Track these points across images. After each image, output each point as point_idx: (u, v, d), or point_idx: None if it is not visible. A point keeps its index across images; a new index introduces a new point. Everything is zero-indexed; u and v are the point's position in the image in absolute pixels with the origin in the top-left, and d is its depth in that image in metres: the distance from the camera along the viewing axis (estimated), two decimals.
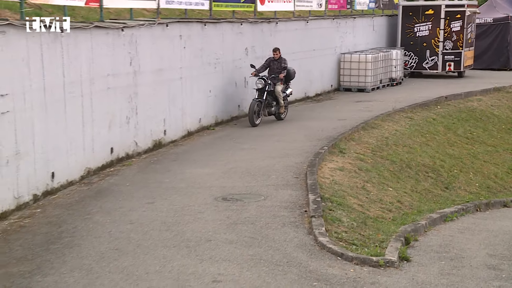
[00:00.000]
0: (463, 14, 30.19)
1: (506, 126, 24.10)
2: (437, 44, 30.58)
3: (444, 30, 30.43)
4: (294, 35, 23.82)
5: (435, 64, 30.75)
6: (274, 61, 19.69)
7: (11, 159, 10.65)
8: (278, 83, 19.54)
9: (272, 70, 19.60)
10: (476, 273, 9.15)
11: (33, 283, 8.14)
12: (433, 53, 30.71)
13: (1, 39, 10.33)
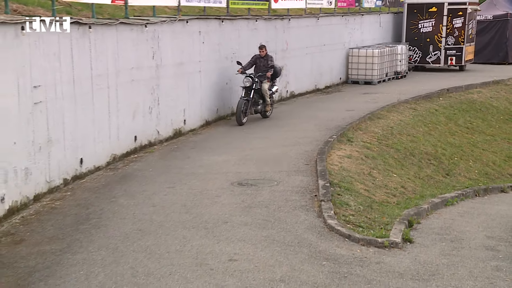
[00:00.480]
0: (465, 12, 30.11)
1: (504, 116, 24.02)
2: (440, 39, 30.46)
3: (447, 27, 30.32)
4: (305, 31, 23.76)
5: (437, 59, 30.66)
6: (260, 58, 18.44)
7: (43, 146, 10.72)
8: (265, 81, 18.28)
9: (259, 68, 18.38)
10: (475, 254, 9.16)
11: (64, 260, 8.23)
12: (436, 48, 30.59)
13: (34, 35, 10.37)
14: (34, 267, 8.03)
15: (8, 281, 7.63)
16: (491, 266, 8.61)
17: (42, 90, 10.62)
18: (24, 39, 10.09)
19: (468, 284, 7.87)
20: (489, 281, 8.03)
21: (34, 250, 8.57)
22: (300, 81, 23.34)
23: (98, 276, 7.75)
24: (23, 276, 7.78)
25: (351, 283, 7.71)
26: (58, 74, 11.11)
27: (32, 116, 10.33)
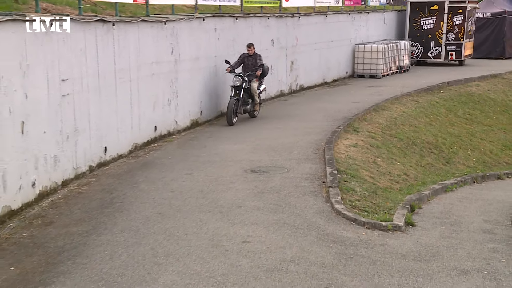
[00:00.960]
0: (464, 9, 30.07)
1: (500, 108, 23.95)
2: (441, 36, 30.40)
3: (447, 24, 30.28)
4: (314, 28, 23.72)
5: (438, 54, 30.62)
6: (248, 57, 17.03)
7: (70, 135, 10.78)
8: (254, 80, 16.95)
9: (247, 67, 17.01)
10: (473, 236, 9.16)
11: (90, 241, 8.29)
12: (437, 44, 30.55)
13: (63, 32, 10.43)
14: (62, 247, 8.10)
15: (39, 260, 7.71)
16: (488, 248, 8.62)
17: (69, 83, 10.66)
18: (53, 36, 10.13)
19: (467, 265, 7.88)
20: (486, 262, 8.04)
21: (63, 232, 8.65)
22: (309, 75, 23.34)
23: (121, 256, 7.80)
24: (53, 255, 7.85)
25: (357, 264, 7.73)
26: (84, 68, 11.16)
27: (60, 108, 10.39)
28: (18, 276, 7.27)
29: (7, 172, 8.91)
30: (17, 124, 9.17)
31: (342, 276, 7.34)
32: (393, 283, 7.21)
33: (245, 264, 7.61)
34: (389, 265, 7.75)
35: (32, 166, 9.63)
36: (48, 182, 10.17)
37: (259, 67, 16.93)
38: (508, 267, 7.88)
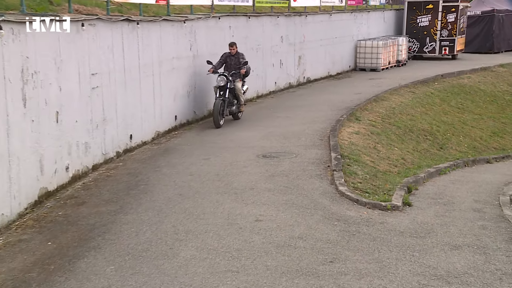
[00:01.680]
0: (457, 8, 30.03)
1: (490, 98, 23.87)
2: (435, 32, 30.30)
3: (441, 21, 30.20)
4: (320, 26, 23.65)
5: (433, 49, 30.55)
6: (231, 56, 15.21)
7: (99, 124, 10.83)
8: (238, 80, 15.24)
9: (230, 66, 15.21)
10: (464, 215, 9.15)
11: (117, 220, 8.36)
12: (432, 39, 30.45)
13: (92, 30, 10.44)
14: (93, 225, 8.17)
15: (73, 236, 7.78)
16: (478, 225, 8.62)
17: (98, 77, 10.71)
18: (84, 34, 10.16)
19: (458, 241, 7.89)
20: (476, 238, 8.05)
21: (93, 211, 8.72)
22: (315, 69, 23.28)
23: (146, 233, 7.86)
24: (85, 232, 7.92)
25: (359, 240, 7.76)
26: (112, 63, 11.19)
27: (90, 99, 10.44)
28: (55, 250, 7.35)
29: (44, 157, 8.98)
30: (52, 114, 9.23)
31: (346, 251, 7.36)
32: (392, 257, 7.23)
33: (258, 240, 7.64)
34: (388, 241, 7.77)
35: (66, 152, 9.70)
36: (80, 166, 10.24)
37: (243, 65, 15.19)
38: (496, 242, 7.89)
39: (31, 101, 8.54)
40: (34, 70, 8.64)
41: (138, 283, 6.42)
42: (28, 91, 8.48)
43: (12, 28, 8.07)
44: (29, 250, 7.32)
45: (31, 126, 8.58)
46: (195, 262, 6.96)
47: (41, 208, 8.78)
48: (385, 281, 6.54)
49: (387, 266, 6.97)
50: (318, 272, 6.74)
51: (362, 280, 6.57)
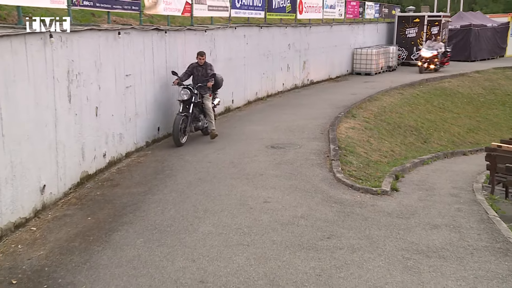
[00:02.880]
0: (440, 22, 30.05)
1: (466, 100, 23.84)
2: (421, 42, 30.13)
3: (426, 33, 30.15)
4: (322, 36, 23.58)
5: (419, 57, 30.41)
6: (198, 67, 12.38)
7: (132, 118, 10.87)
8: (207, 94, 12.34)
9: (197, 78, 12.38)
10: (443, 199, 9.14)
11: (146, 199, 8.42)
12: (418, 49, 30.28)
13: (127, 38, 10.47)
14: (126, 203, 8.24)
15: (109, 212, 7.85)
16: (455, 208, 8.61)
17: (131, 77, 10.74)
18: (120, 41, 10.19)
19: (437, 221, 7.89)
20: (453, 218, 8.04)
21: (126, 192, 8.79)
22: (318, 72, 23.22)
23: (170, 211, 7.92)
24: (119, 209, 7.99)
25: (353, 220, 7.77)
26: (143, 66, 11.22)
27: (124, 96, 10.48)
28: (93, 224, 7.42)
29: (85, 145, 9.04)
30: (93, 109, 9.28)
31: (341, 229, 7.38)
32: (380, 235, 7.24)
33: (265, 219, 7.67)
34: (378, 221, 7.78)
35: (103, 141, 9.76)
36: (115, 153, 10.30)
37: (210, 77, 12.29)
38: (469, 223, 7.88)
39: (75, 97, 8.60)
40: (78, 72, 8.68)
41: (163, 254, 6.48)
42: (73, 89, 8.53)
43: (61, 36, 8.11)
44: (72, 224, 7.40)
45: (74, 119, 8.63)
46: (212, 236, 7.00)
47: (82, 188, 8.86)
48: (374, 255, 6.57)
49: (376, 242, 6.98)
50: (317, 246, 6.77)
51: (355, 254, 6.59)
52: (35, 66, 7.41)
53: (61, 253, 6.47)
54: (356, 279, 5.90)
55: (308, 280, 5.85)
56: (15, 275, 5.90)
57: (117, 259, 6.32)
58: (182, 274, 5.94)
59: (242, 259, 6.32)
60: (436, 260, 6.50)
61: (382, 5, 33.38)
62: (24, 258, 6.31)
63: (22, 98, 7.08)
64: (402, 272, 6.11)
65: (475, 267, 6.34)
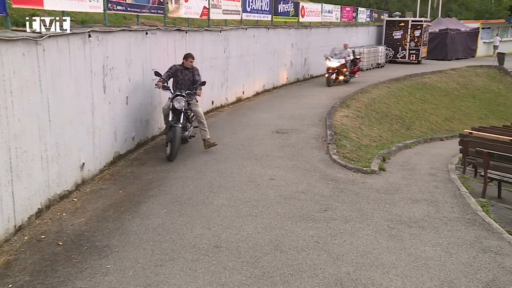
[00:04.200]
0: (422, 26, 30.08)
1: (444, 93, 23.76)
2: (406, 43, 30.12)
3: (410, 35, 30.10)
4: (321, 36, 23.45)
5: (404, 56, 30.34)
6: (184, 70, 9.81)
7: (157, 106, 10.80)
8: (193, 100, 9.83)
9: (180, 82, 9.77)
10: (423, 178, 9.16)
11: (169, 176, 8.46)
12: (403, 49, 30.27)
13: (153, 37, 10.45)
14: (151, 179, 8.29)
15: (137, 187, 7.90)
16: (432, 185, 8.63)
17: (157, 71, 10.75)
18: (147, 40, 10.18)
19: (418, 196, 7.91)
20: (431, 194, 8.07)
21: (151, 169, 8.83)
22: (317, 68, 23.06)
23: (189, 186, 7.96)
24: (145, 184, 8.05)
25: (346, 195, 7.80)
26: (166, 61, 11.18)
27: (150, 88, 10.47)
28: (124, 196, 7.49)
29: (117, 129, 9.08)
30: (124, 98, 9.30)
31: (336, 203, 7.42)
32: (369, 207, 7.28)
33: (271, 193, 7.72)
34: (367, 196, 7.81)
35: (132, 126, 9.79)
36: (142, 136, 10.34)
37: (200, 85, 9.78)
38: (444, 197, 7.92)
39: (109, 89, 8.62)
40: (112, 66, 8.70)
41: (183, 222, 6.53)
42: (107, 81, 8.55)
43: (98, 36, 8.13)
44: (107, 196, 7.47)
45: (108, 107, 8.66)
46: (225, 208, 7.05)
47: (115, 166, 8.92)
48: (364, 225, 6.60)
49: (366, 214, 7.02)
50: (315, 217, 6.81)
51: (347, 224, 6.63)
52: (76, 62, 7.44)
53: (98, 220, 6.55)
54: (348, 245, 5.94)
55: (307, 246, 5.90)
56: (61, 238, 5.99)
57: (144, 226, 6.38)
58: (200, 240, 5.99)
59: (251, 228, 6.37)
60: (416, 229, 6.53)
61: (373, 10, 33.28)
62: (68, 224, 6.39)
63: (65, 90, 7.12)
64: (387, 240, 6.16)
65: (449, 235, 6.38)
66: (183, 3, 12.10)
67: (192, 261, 5.44)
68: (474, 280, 5.20)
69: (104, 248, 5.74)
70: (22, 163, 6.05)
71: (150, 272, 5.20)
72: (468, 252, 5.88)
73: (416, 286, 5.02)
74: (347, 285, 5.00)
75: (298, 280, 5.07)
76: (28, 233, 6.06)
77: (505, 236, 6.43)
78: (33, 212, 6.38)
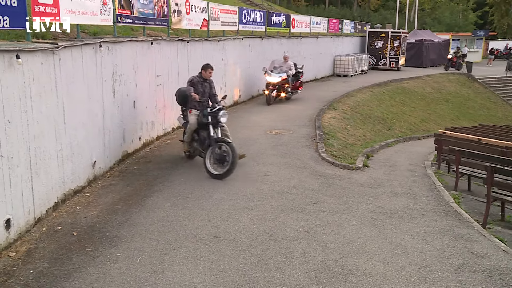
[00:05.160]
0: (400, 37, 30.19)
1: (420, 97, 23.84)
2: (386, 52, 30.17)
3: (390, 45, 30.18)
4: (310, 46, 23.45)
5: (385, 63, 30.36)
6: (204, 82, 8.57)
7: (161, 109, 10.87)
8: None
9: (201, 95, 8.49)
10: (403, 173, 9.21)
11: (173, 172, 8.46)
12: (384, 57, 30.27)
13: (158, 46, 10.45)
14: (156, 175, 8.29)
15: (144, 183, 7.89)
16: (411, 180, 8.67)
17: (161, 77, 10.73)
18: (152, 49, 10.18)
19: (398, 190, 7.95)
20: (410, 188, 8.11)
21: (157, 167, 8.82)
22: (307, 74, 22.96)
23: (191, 181, 7.97)
24: (151, 180, 8.04)
25: (333, 189, 7.83)
26: (170, 68, 11.22)
27: (155, 92, 10.49)
28: (132, 191, 7.48)
29: (125, 130, 9.07)
30: (131, 102, 9.28)
31: (324, 197, 7.45)
32: (355, 201, 7.31)
33: (265, 188, 7.74)
34: (353, 190, 7.85)
35: (139, 127, 9.78)
36: (148, 137, 10.33)
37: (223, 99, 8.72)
38: (421, 191, 7.97)
39: (117, 93, 8.62)
40: (120, 73, 8.69)
41: (185, 214, 6.54)
42: (116, 87, 8.54)
43: (108, 46, 8.12)
44: (116, 191, 7.46)
45: (117, 110, 8.66)
46: (224, 202, 7.06)
47: (123, 164, 8.91)
48: (350, 216, 6.64)
49: (351, 206, 7.06)
50: (305, 210, 6.84)
51: (335, 215, 6.66)
52: (88, 69, 7.43)
53: (108, 213, 6.55)
54: (336, 235, 5.98)
55: (298, 235, 5.93)
56: (75, 229, 5.99)
57: (150, 218, 6.39)
58: (201, 231, 6.01)
59: (247, 220, 6.39)
60: (396, 219, 6.58)
61: (356, 22, 33.40)
62: (81, 216, 6.40)
63: (78, 94, 7.12)
64: (371, 229, 6.20)
65: (425, 224, 6.43)
66: (185, 16, 12.10)
67: (194, 250, 5.46)
68: (447, 265, 5.25)
69: (114, 238, 5.75)
70: (40, 161, 6.05)
71: (156, 260, 5.22)
72: (442, 240, 5.93)
73: (396, 271, 5.07)
74: (335, 271, 5.04)
75: (290, 266, 5.11)
76: (46, 225, 6.07)
77: (474, 225, 6.51)
78: (50, 206, 6.38)
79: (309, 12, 42.82)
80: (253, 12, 17.84)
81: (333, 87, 21.38)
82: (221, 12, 14.74)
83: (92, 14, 7.80)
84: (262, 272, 4.97)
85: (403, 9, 47.29)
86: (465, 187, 9.37)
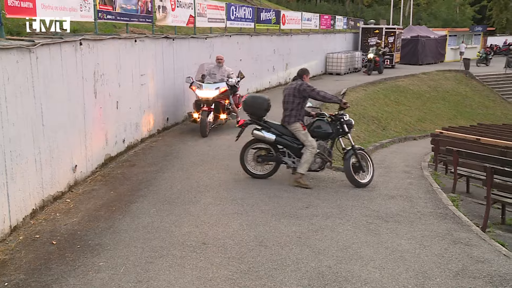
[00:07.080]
0: (395, 33, 30.51)
1: (416, 95, 24.08)
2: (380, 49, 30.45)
3: (384, 42, 30.39)
4: (301, 43, 23.54)
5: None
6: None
7: (146, 110, 10.80)
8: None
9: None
10: (398, 175, 9.24)
11: (158, 177, 8.39)
12: None
13: (142, 44, 10.37)
14: (141, 180, 8.22)
15: (128, 187, 7.82)
16: (407, 182, 8.71)
17: (145, 77, 10.67)
18: (136, 47, 10.11)
19: (394, 192, 7.97)
20: (406, 190, 8.14)
21: (141, 170, 8.75)
22: None
23: (177, 186, 7.91)
24: (135, 185, 7.98)
25: (326, 192, 7.82)
26: (154, 67, 11.16)
27: (139, 92, 10.42)
28: (115, 197, 7.41)
29: (108, 132, 9.00)
30: (114, 103, 9.21)
31: (317, 200, 7.44)
32: (349, 204, 7.31)
33: (256, 192, 7.71)
34: (346, 193, 7.85)
35: (123, 129, 9.71)
36: (132, 139, 10.26)
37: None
38: (418, 193, 8.00)
39: (99, 94, 8.53)
40: (102, 73, 8.61)
41: (172, 220, 6.49)
42: (98, 87, 8.46)
43: (89, 44, 8.04)
44: (98, 196, 7.39)
45: (99, 111, 8.57)
46: (212, 207, 7.02)
47: (106, 168, 8.83)
48: (343, 220, 6.63)
49: (345, 210, 7.05)
50: (298, 214, 6.81)
51: (328, 220, 6.65)
52: (68, 68, 7.35)
53: (90, 220, 6.48)
54: (329, 240, 5.96)
55: (290, 241, 5.90)
56: (55, 237, 5.91)
57: (134, 225, 6.32)
58: (188, 238, 5.96)
59: (237, 225, 6.35)
60: (392, 223, 6.58)
61: (349, 18, 33.55)
62: (61, 224, 6.32)
63: (57, 95, 7.03)
64: (366, 234, 6.19)
65: (422, 228, 6.44)
66: (170, 12, 12.05)
67: (181, 258, 5.41)
68: (446, 270, 5.26)
69: (96, 247, 5.68)
70: (16, 166, 5.96)
71: (141, 269, 5.17)
72: (440, 244, 5.94)
73: (392, 277, 5.07)
74: (329, 277, 5.02)
75: (282, 274, 5.08)
76: (23, 233, 5.97)
77: (473, 229, 6.53)
78: (28, 213, 6.29)
79: (300, 8, 42.97)
80: (242, 8, 17.85)
81: (326, 85, 21.34)
82: (208, 8, 14.71)
83: (72, 10, 7.72)
84: (252, 280, 4.94)
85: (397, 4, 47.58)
86: (464, 189, 9.42)
